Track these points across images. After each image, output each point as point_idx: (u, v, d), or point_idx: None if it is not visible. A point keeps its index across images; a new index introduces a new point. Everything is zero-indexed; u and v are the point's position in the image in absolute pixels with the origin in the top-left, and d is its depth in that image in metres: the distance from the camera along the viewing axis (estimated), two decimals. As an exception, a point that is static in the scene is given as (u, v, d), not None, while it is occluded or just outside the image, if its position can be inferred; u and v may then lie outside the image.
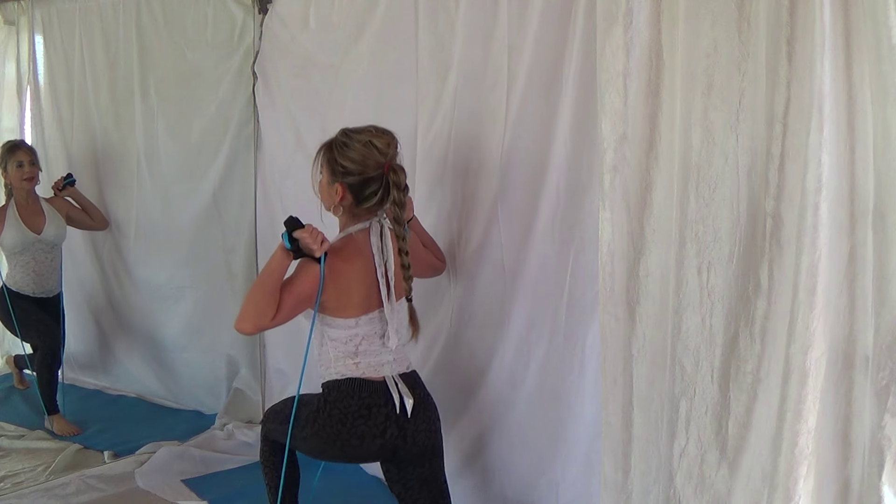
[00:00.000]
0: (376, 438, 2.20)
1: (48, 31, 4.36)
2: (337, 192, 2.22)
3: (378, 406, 2.20)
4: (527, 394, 2.55)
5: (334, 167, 2.21)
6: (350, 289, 2.19)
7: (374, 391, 2.21)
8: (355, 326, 2.22)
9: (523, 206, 2.48)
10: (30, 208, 3.78)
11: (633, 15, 1.84)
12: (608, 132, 1.90)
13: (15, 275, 3.77)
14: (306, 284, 2.15)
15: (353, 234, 2.25)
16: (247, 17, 3.51)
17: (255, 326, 2.19)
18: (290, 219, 2.16)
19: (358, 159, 2.18)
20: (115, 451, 3.46)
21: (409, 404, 2.22)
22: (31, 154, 3.80)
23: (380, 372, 2.24)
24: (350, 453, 2.25)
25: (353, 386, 2.21)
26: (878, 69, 1.50)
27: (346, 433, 2.20)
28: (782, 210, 1.66)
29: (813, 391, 1.61)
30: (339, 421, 2.20)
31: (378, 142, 2.19)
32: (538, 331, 2.50)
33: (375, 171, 2.18)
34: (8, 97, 4.51)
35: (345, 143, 2.20)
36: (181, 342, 4.01)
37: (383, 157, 2.19)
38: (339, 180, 2.21)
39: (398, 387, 2.24)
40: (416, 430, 2.25)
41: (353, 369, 2.22)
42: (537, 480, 2.55)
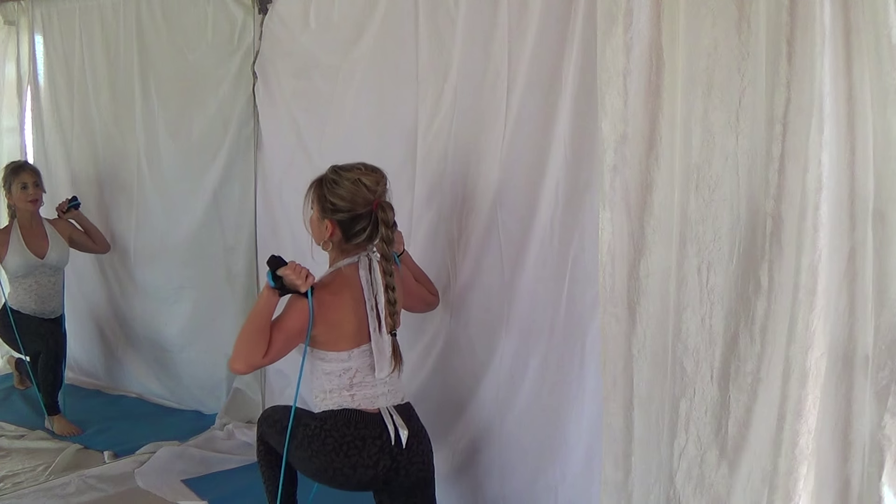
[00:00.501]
0: (369, 469, 2.22)
1: (48, 31, 4.36)
2: (327, 228, 2.27)
3: (373, 438, 2.23)
4: (526, 394, 2.55)
5: (324, 204, 2.26)
6: (341, 321, 2.23)
7: (370, 423, 2.24)
8: (348, 360, 2.25)
9: (523, 206, 2.48)
10: (33, 231, 3.78)
11: (633, 15, 1.84)
12: (608, 132, 1.90)
13: (18, 296, 3.78)
14: (295, 319, 2.19)
15: (341, 268, 2.29)
16: (247, 17, 3.51)
17: (247, 365, 2.22)
18: (271, 258, 2.21)
19: (347, 197, 2.23)
20: (115, 451, 3.45)
21: (405, 436, 2.25)
22: (35, 175, 3.79)
23: (375, 404, 2.27)
24: (341, 481, 2.27)
25: (348, 417, 2.24)
26: (878, 69, 1.50)
27: (340, 462, 2.22)
28: (782, 210, 1.66)
29: (813, 391, 1.61)
30: (334, 450, 2.22)
31: (367, 179, 2.24)
32: (537, 331, 2.50)
33: (364, 208, 2.24)
34: (8, 97, 4.51)
35: (334, 180, 2.25)
36: (181, 342, 4.01)
37: (372, 194, 2.24)
38: (329, 217, 2.26)
39: (393, 419, 2.26)
40: (409, 463, 2.27)
41: (348, 401, 2.26)
42: (536, 481, 2.55)
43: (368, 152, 2.95)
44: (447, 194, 2.71)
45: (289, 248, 3.39)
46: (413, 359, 2.90)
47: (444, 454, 2.84)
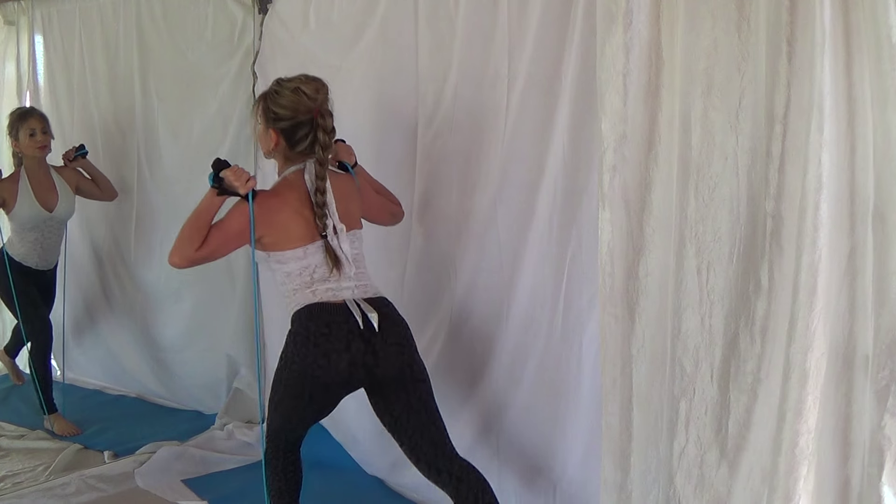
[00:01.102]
0: (342, 353, 2.22)
1: (48, 31, 4.36)
2: (271, 138, 2.33)
3: (338, 323, 2.24)
4: (524, 393, 2.55)
5: (268, 114, 2.33)
6: (287, 222, 2.28)
7: (333, 311, 2.25)
8: (304, 257, 2.28)
9: (522, 205, 2.48)
10: (41, 181, 3.71)
11: (632, 15, 1.84)
12: (608, 132, 1.90)
13: (22, 248, 3.73)
14: (234, 221, 2.26)
15: (286, 175, 2.35)
16: (247, 17, 3.51)
17: (182, 258, 2.26)
18: (216, 160, 2.28)
19: (288, 105, 2.29)
20: (115, 451, 3.46)
21: (374, 319, 2.24)
22: (43, 122, 3.72)
23: (339, 296, 2.28)
24: (323, 378, 2.24)
25: (310, 310, 2.26)
26: (878, 69, 1.50)
27: (312, 355, 2.22)
28: (782, 210, 1.66)
29: (813, 391, 1.61)
30: (303, 344, 2.24)
31: (307, 88, 2.30)
32: (535, 330, 2.50)
33: (305, 115, 2.30)
34: (8, 97, 4.52)
35: (276, 91, 2.33)
36: (181, 342, 4.01)
37: (312, 102, 2.29)
38: (273, 126, 2.32)
39: (360, 306, 2.26)
40: (385, 346, 2.26)
41: (310, 297, 2.28)
42: (535, 480, 2.55)
43: (368, 152, 2.96)
44: (447, 193, 2.71)
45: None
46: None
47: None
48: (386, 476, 3.14)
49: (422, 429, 2.30)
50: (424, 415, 2.31)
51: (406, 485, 3.03)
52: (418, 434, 2.29)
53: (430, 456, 2.28)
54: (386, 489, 3.11)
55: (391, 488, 3.10)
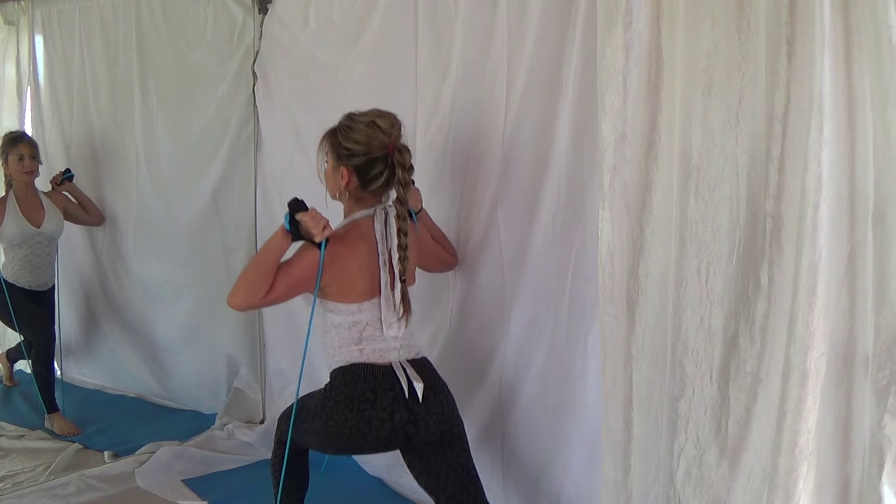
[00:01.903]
0: (385, 423, 2.15)
1: (48, 31, 4.36)
2: (343, 176, 2.21)
3: (384, 389, 2.15)
4: (528, 393, 2.55)
5: (339, 151, 2.21)
6: (353, 275, 2.18)
7: (380, 375, 2.17)
8: (358, 312, 2.19)
9: (523, 205, 2.48)
10: (29, 201, 3.78)
11: (633, 15, 1.84)
12: (608, 132, 1.90)
13: (12, 267, 3.77)
14: (303, 268, 2.14)
15: (357, 220, 2.23)
16: (247, 17, 3.51)
17: (245, 302, 2.15)
18: (293, 200, 2.14)
19: (362, 140, 2.18)
20: (115, 451, 3.46)
21: (420, 388, 2.16)
22: (32, 147, 3.79)
23: (385, 357, 2.20)
24: (360, 441, 2.18)
25: (357, 371, 2.17)
26: (878, 69, 1.50)
27: (354, 419, 2.14)
28: (782, 210, 1.66)
29: (813, 391, 1.61)
30: (346, 407, 2.15)
31: (382, 122, 2.19)
32: (539, 331, 2.49)
33: (380, 151, 2.18)
34: (8, 97, 4.51)
35: (349, 126, 2.21)
36: (181, 342, 4.01)
37: (387, 136, 2.18)
38: (345, 163, 2.20)
39: (406, 371, 2.19)
40: (427, 415, 2.19)
41: (357, 355, 2.19)
42: (539, 480, 2.55)
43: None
44: (447, 194, 2.71)
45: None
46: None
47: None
48: (386, 476, 3.14)
49: (461, 486, 2.25)
50: (463, 472, 2.26)
51: (406, 485, 3.03)
52: (458, 492, 2.24)
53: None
54: (386, 489, 3.11)
55: (391, 488, 3.10)
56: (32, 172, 3.77)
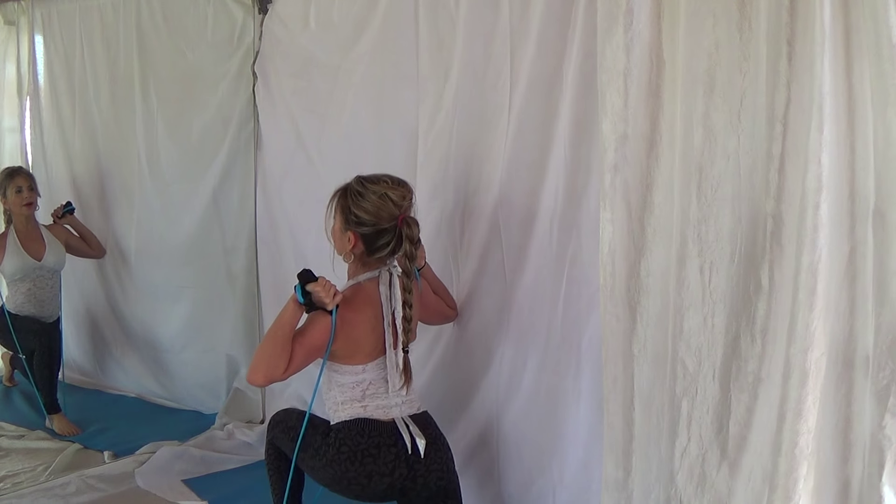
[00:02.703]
0: (384, 477, 2.20)
1: (48, 31, 4.36)
2: (349, 241, 2.23)
3: (387, 445, 2.21)
4: (524, 395, 2.55)
5: (348, 216, 2.22)
6: (360, 338, 2.22)
7: (383, 431, 2.22)
8: (363, 372, 2.24)
9: (524, 206, 2.47)
10: (30, 235, 3.81)
11: (633, 15, 1.84)
12: (609, 132, 1.90)
13: (16, 300, 3.80)
14: (317, 336, 2.17)
15: (362, 282, 2.27)
16: (247, 17, 3.51)
17: (267, 379, 2.19)
18: (303, 272, 2.18)
19: (372, 210, 2.19)
20: (115, 451, 3.46)
21: (422, 445, 2.22)
22: (29, 180, 3.83)
23: (389, 414, 2.25)
24: (357, 491, 2.24)
25: (361, 426, 2.22)
26: (878, 69, 1.50)
27: (354, 471, 2.19)
28: (783, 210, 1.66)
29: (813, 391, 1.61)
30: (348, 459, 2.20)
31: (393, 194, 2.20)
32: (535, 332, 2.49)
33: (389, 222, 2.20)
34: (8, 97, 4.52)
35: (360, 192, 2.21)
36: (181, 342, 4.01)
37: (398, 209, 2.20)
38: (353, 229, 2.22)
39: (409, 428, 2.24)
40: (427, 472, 2.24)
41: (360, 412, 2.24)
42: (535, 481, 2.55)
43: (369, 152, 2.96)
44: (449, 195, 2.71)
45: (288, 247, 3.40)
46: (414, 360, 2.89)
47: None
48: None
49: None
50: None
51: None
52: None
53: None
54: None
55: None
56: (31, 204, 3.81)
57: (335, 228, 2.28)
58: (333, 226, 2.28)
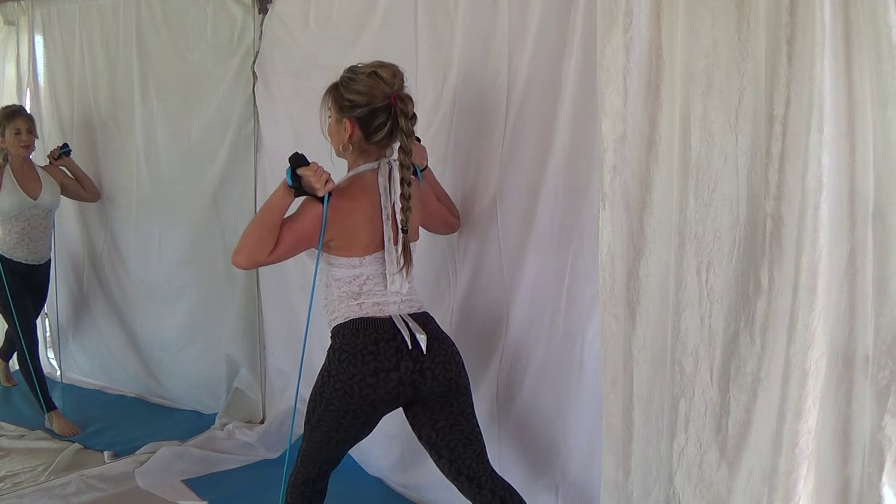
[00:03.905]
0: (391, 372, 2.14)
1: (48, 31, 4.36)
2: (346, 129, 2.21)
3: (385, 340, 2.16)
4: (526, 395, 2.55)
5: (341, 104, 2.21)
6: (356, 228, 2.18)
7: (380, 327, 2.17)
8: (359, 266, 2.19)
9: (522, 206, 2.48)
10: (25, 174, 3.78)
11: (633, 15, 1.84)
12: (608, 132, 1.90)
13: (9, 241, 3.76)
14: (307, 223, 2.13)
15: (360, 173, 2.23)
16: (247, 17, 3.51)
17: (250, 260, 2.16)
18: (295, 155, 2.13)
19: (364, 91, 2.18)
20: (115, 451, 3.46)
21: (423, 340, 2.17)
22: (29, 122, 3.79)
23: (385, 311, 2.20)
24: (371, 396, 2.15)
25: (356, 325, 2.17)
26: (878, 69, 1.50)
27: (360, 373, 2.13)
28: (782, 210, 1.66)
29: (813, 391, 1.61)
30: (350, 363, 2.14)
31: (383, 72, 2.19)
32: (536, 331, 2.49)
33: (382, 101, 2.18)
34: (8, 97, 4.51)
35: (350, 77, 2.22)
36: (181, 342, 4.01)
37: (389, 87, 2.18)
38: (348, 115, 2.20)
39: (408, 325, 2.19)
40: (434, 364, 2.19)
41: (356, 310, 2.19)
42: (537, 481, 2.55)
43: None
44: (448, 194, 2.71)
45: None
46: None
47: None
48: (386, 476, 3.14)
49: (465, 441, 2.24)
50: (467, 427, 2.26)
51: (406, 485, 3.03)
52: (461, 447, 2.24)
53: (472, 470, 2.23)
54: (386, 489, 3.11)
55: (391, 488, 3.10)
56: (29, 147, 3.77)
57: (331, 124, 2.26)
58: (329, 123, 2.27)
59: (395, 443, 3.01)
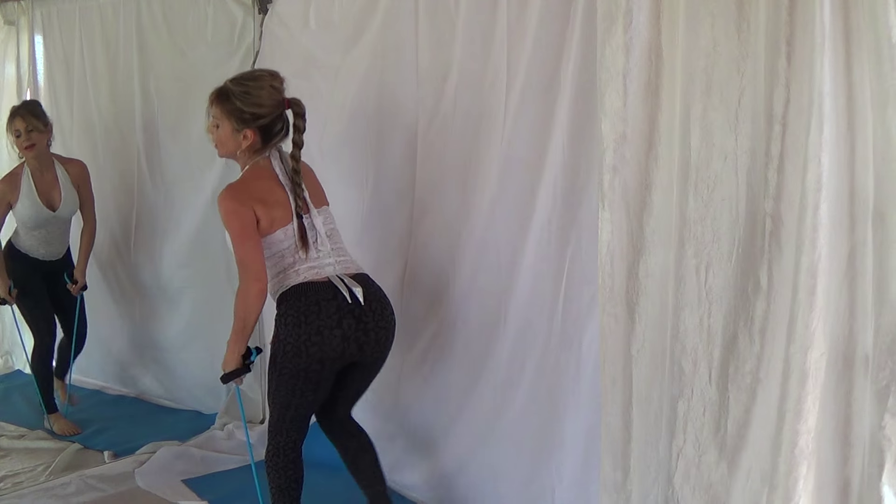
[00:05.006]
0: (334, 330, 2.29)
1: (48, 31, 4.36)
2: (246, 138, 2.38)
3: (326, 300, 2.31)
4: (523, 395, 2.55)
5: (241, 116, 2.36)
6: (272, 202, 2.35)
7: (319, 289, 2.33)
8: (284, 239, 2.35)
9: (521, 206, 2.48)
10: (45, 177, 3.67)
11: (632, 15, 1.84)
12: (608, 132, 1.90)
13: (25, 241, 3.71)
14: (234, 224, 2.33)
15: (257, 162, 2.42)
16: (247, 17, 3.51)
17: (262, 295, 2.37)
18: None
19: (267, 103, 2.36)
20: (115, 451, 3.46)
21: (359, 293, 2.33)
22: (26, 121, 3.60)
23: (321, 274, 2.36)
24: (317, 354, 2.30)
25: (297, 290, 2.34)
26: (878, 69, 1.50)
27: (305, 333, 2.29)
28: (782, 210, 1.66)
29: (813, 391, 1.61)
30: (295, 324, 2.30)
31: (275, 82, 2.37)
32: (534, 332, 2.49)
33: (279, 109, 2.38)
34: (8, 97, 4.52)
35: (246, 91, 2.35)
36: (181, 342, 4.01)
37: (280, 94, 2.38)
38: (250, 126, 2.37)
39: (344, 282, 2.34)
40: (376, 326, 2.37)
41: (294, 278, 2.35)
42: (533, 482, 2.55)
43: (369, 152, 2.97)
44: (447, 194, 2.71)
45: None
46: (411, 359, 2.91)
47: (440, 455, 2.84)
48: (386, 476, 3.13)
49: (357, 395, 2.58)
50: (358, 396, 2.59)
51: (406, 484, 3.03)
52: (353, 397, 2.57)
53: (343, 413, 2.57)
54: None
55: (391, 488, 3.10)
56: (32, 146, 3.61)
57: (225, 134, 2.41)
58: (220, 132, 2.42)
59: (395, 443, 3.01)
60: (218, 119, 2.40)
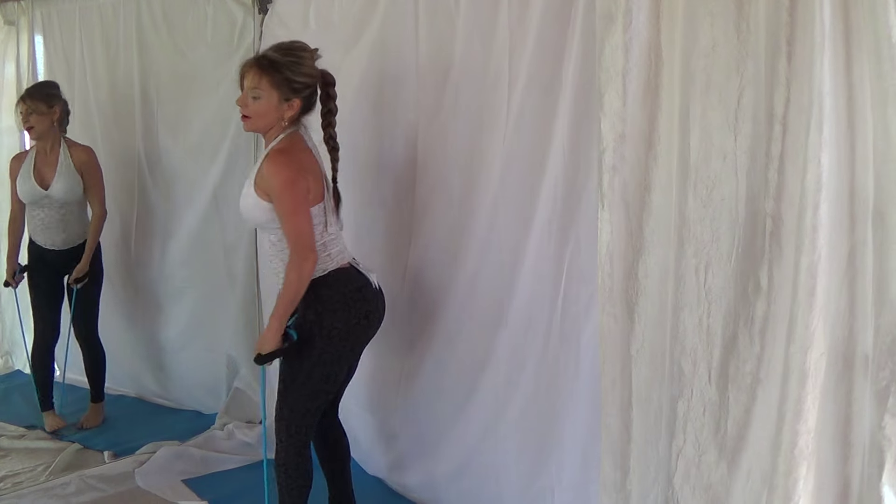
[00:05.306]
0: (373, 314, 2.41)
1: (48, 31, 4.36)
2: (291, 108, 2.33)
3: (365, 286, 2.39)
4: (522, 395, 2.54)
5: (291, 86, 2.31)
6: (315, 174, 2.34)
7: (352, 275, 2.39)
8: (317, 214, 2.32)
9: (522, 205, 2.47)
10: (47, 158, 3.66)
11: (632, 15, 1.84)
12: (607, 132, 1.90)
13: (29, 223, 3.73)
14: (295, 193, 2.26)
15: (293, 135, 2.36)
16: (247, 17, 3.51)
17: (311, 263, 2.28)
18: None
19: (312, 72, 2.35)
20: (115, 451, 3.46)
21: (374, 279, 2.44)
22: (26, 104, 3.60)
23: (344, 258, 2.41)
24: (361, 337, 2.40)
25: (338, 276, 2.35)
26: (878, 69, 1.50)
27: (354, 317, 2.34)
28: (782, 210, 1.66)
29: (813, 391, 1.61)
30: (343, 309, 2.32)
31: (313, 52, 2.37)
32: (533, 331, 2.49)
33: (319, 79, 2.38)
34: (8, 97, 4.52)
35: (295, 61, 2.32)
36: (181, 342, 4.01)
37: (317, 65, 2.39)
38: (298, 96, 2.33)
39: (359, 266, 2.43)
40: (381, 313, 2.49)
41: (327, 262, 2.35)
42: (533, 483, 2.54)
43: (369, 152, 2.96)
44: (448, 194, 2.71)
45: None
46: (411, 359, 2.90)
47: (441, 456, 2.84)
48: (386, 476, 3.14)
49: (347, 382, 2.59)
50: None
51: (406, 485, 3.03)
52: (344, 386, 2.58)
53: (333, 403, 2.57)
54: (386, 489, 3.11)
55: (391, 488, 3.10)
56: (32, 129, 3.61)
57: (269, 105, 2.32)
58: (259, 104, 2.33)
59: (395, 443, 3.01)
60: (262, 90, 2.31)
